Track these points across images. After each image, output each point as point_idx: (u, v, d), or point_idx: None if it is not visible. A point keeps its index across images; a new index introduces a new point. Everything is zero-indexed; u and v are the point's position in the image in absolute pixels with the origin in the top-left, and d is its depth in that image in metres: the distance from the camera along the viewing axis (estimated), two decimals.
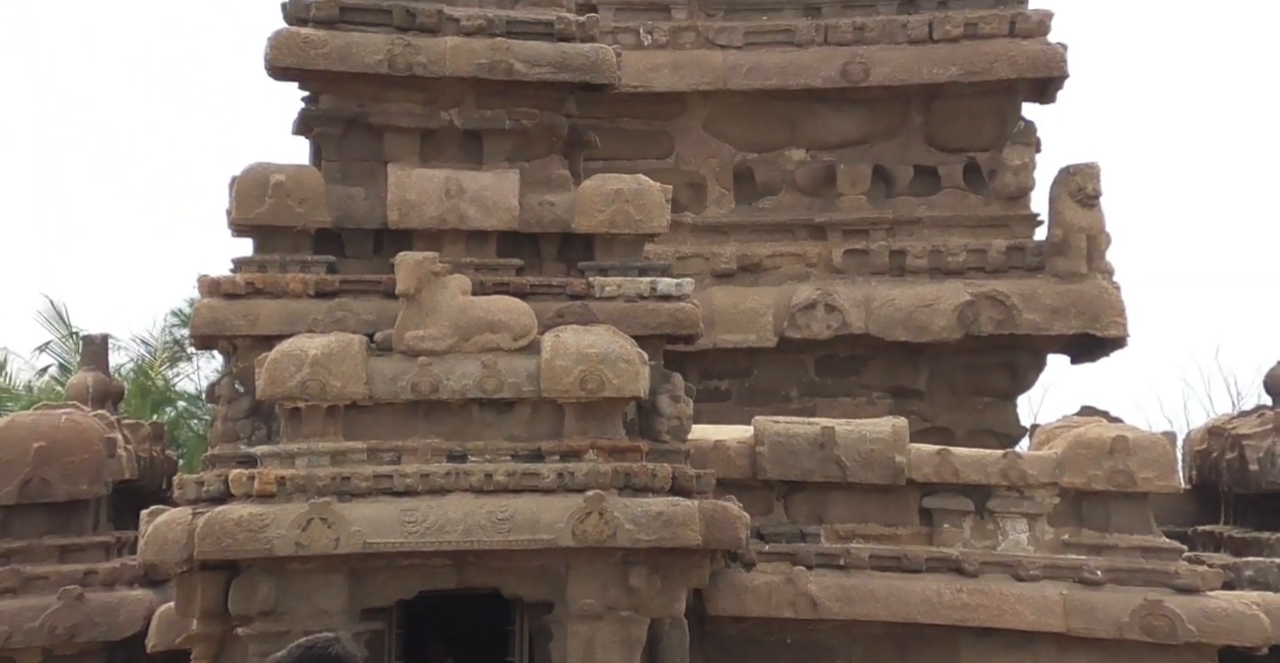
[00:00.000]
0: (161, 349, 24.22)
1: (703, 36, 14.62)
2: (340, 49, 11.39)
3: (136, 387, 22.53)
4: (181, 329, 23.27)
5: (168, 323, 24.34)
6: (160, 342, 24.33)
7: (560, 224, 11.58)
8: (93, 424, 12.96)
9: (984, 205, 14.56)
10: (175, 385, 23.92)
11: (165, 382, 23.77)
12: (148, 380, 23.23)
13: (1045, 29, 14.39)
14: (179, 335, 23.64)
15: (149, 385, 23.12)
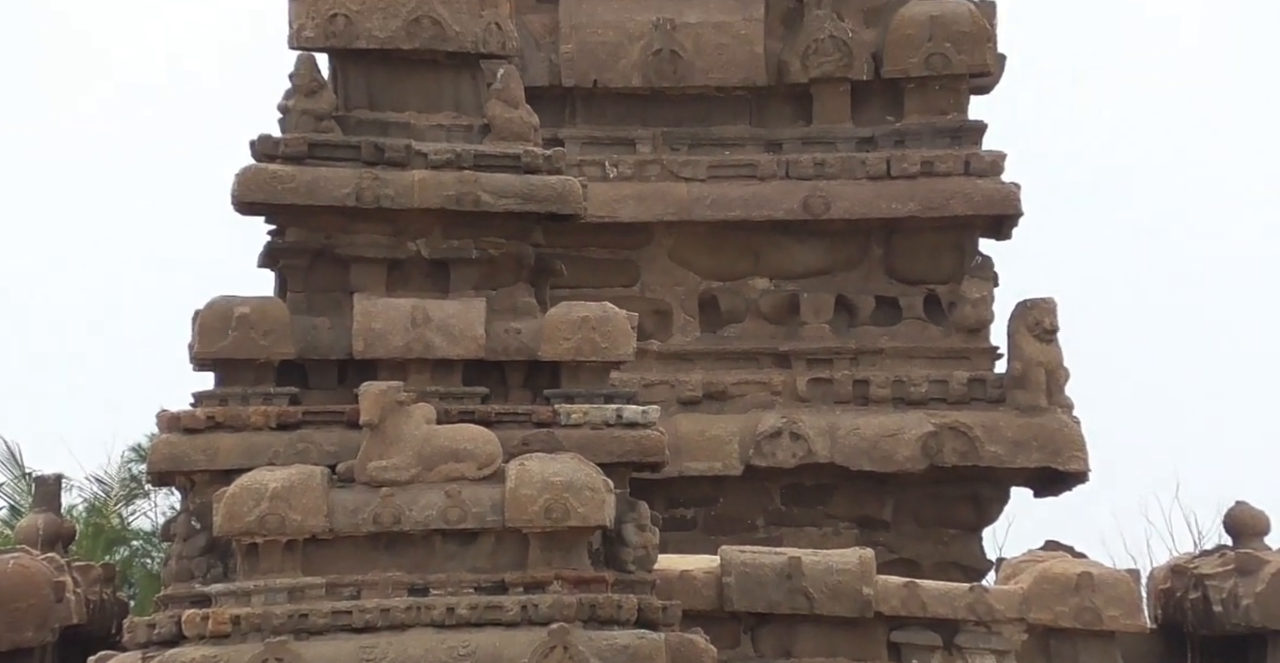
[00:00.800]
0: (118, 487, 23.92)
1: (667, 170, 14.71)
2: (308, 183, 11.37)
3: (90, 526, 22.23)
4: (139, 465, 22.99)
5: (125, 460, 24.07)
6: (117, 479, 24.04)
7: (526, 351, 11.50)
8: (41, 569, 12.64)
9: (944, 337, 14.61)
10: (131, 523, 23.61)
11: (120, 520, 23.45)
12: (102, 519, 22.94)
13: (999, 169, 14.57)
14: (136, 472, 23.35)
15: (103, 524, 22.82)
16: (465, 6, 11.67)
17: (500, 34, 11.81)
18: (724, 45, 14.62)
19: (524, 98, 11.89)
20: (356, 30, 11.58)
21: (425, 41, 11.61)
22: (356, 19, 11.58)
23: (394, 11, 11.58)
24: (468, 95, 11.87)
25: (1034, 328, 14.06)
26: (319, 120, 11.59)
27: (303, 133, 11.53)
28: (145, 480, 17.06)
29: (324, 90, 11.66)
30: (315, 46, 11.71)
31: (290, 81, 11.67)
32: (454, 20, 11.63)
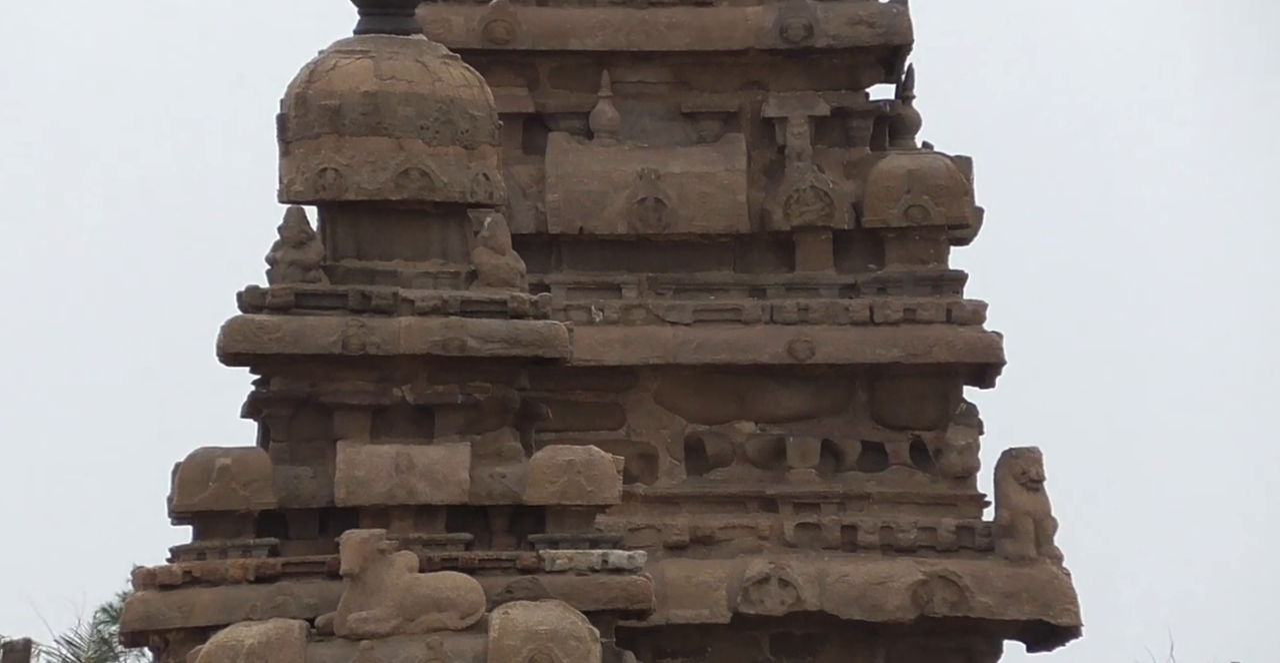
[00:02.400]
0: (89, 650, 23.28)
1: (653, 314, 14.41)
2: (294, 332, 11.18)
3: None
4: (111, 627, 22.42)
5: (96, 621, 23.44)
6: (88, 642, 23.41)
7: (511, 496, 11.25)
8: None
9: (931, 484, 14.27)
10: None
11: None
12: None
13: (980, 318, 14.34)
14: (108, 634, 22.76)
15: None
16: (453, 158, 11.59)
17: (488, 184, 11.72)
18: (707, 194, 14.44)
19: (510, 244, 11.76)
20: (346, 183, 11.49)
21: (413, 192, 11.51)
22: (346, 173, 11.48)
23: (383, 164, 11.47)
24: (455, 243, 11.74)
25: (1020, 477, 13.80)
26: (306, 271, 11.49)
27: (290, 283, 11.39)
28: (118, 642, 16.61)
29: (312, 241, 11.55)
30: (305, 200, 11.61)
31: (279, 234, 11.54)
32: (442, 172, 11.54)
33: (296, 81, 11.58)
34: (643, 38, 14.51)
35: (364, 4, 11.76)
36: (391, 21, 11.77)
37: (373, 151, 11.46)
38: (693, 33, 14.51)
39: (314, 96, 11.46)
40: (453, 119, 11.58)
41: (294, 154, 11.54)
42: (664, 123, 14.69)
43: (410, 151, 11.49)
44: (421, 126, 11.49)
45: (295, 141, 11.52)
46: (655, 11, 14.55)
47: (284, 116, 11.58)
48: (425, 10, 12.96)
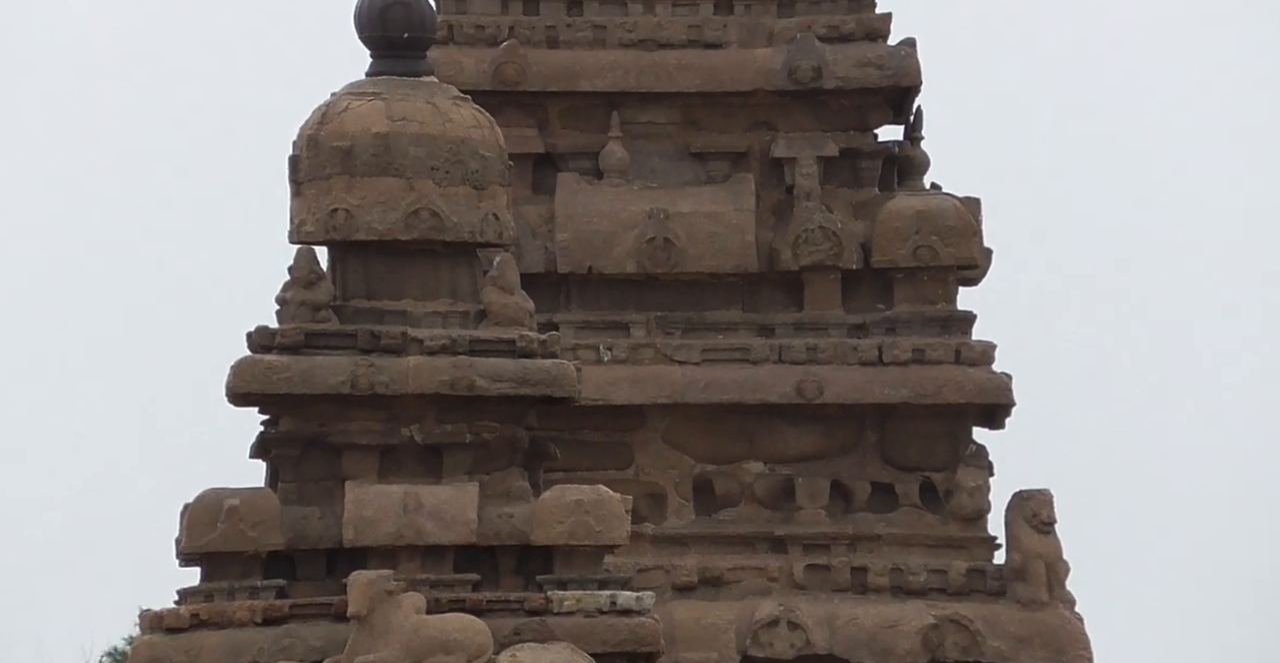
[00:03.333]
0: None
1: (661, 353, 14.27)
2: (303, 373, 11.01)
3: None
4: None
5: None
6: None
7: (519, 536, 11.06)
8: None
9: (942, 525, 14.09)
10: None
11: None
12: None
13: (989, 359, 14.18)
14: None
15: None
16: (464, 198, 11.45)
17: (497, 224, 11.58)
18: (716, 234, 14.31)
19: (519, 284, 11.61)
20: (356, 224, 11.34)
21: (424, 232, 11.36)
22: (357, 213, 11.32)
23: (393, 205, 11.32)
24: (464, 282, 11.59)
25: (1031, 520, 13.65)
26: (316, 310, 11.30)
27: (300, 323, 11.22)
28: None
29: (322, 281, 11.39)
30: (315, 240, 11.46)
31: (289, 274, 11.38)
32: (452, 212, 11.39)
33: (309, 123, 11.46)
34: (652, 79, 14.43)
35: (376, 47, 11.64)
36: (403, 64, 11.65)
37: (383, 192, 11.30)
38: (702, 74, 14.41)
39: (326, 138, 11.32)
40: (463, 159, 11.42)
41: (305, 195, 11.39)
42: (673, 163, 14.60)
43: (421, 192, 11.33)
44: (432, 167, 11.35)
45: (306, 182, 11.39)
46: (665, 53, 14.44)
47: (296, 158, 11.45)
48: (437, 53, 12.85)
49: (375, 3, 11.49)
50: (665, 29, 14.44)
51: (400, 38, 11.59)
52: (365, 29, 11.58)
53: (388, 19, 11.53)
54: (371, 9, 11.50)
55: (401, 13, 11.55)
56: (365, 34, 11.61)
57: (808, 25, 14.38)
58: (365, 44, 11.69)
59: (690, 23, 14.46)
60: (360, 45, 11.75)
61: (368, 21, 11.55)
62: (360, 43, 11.71)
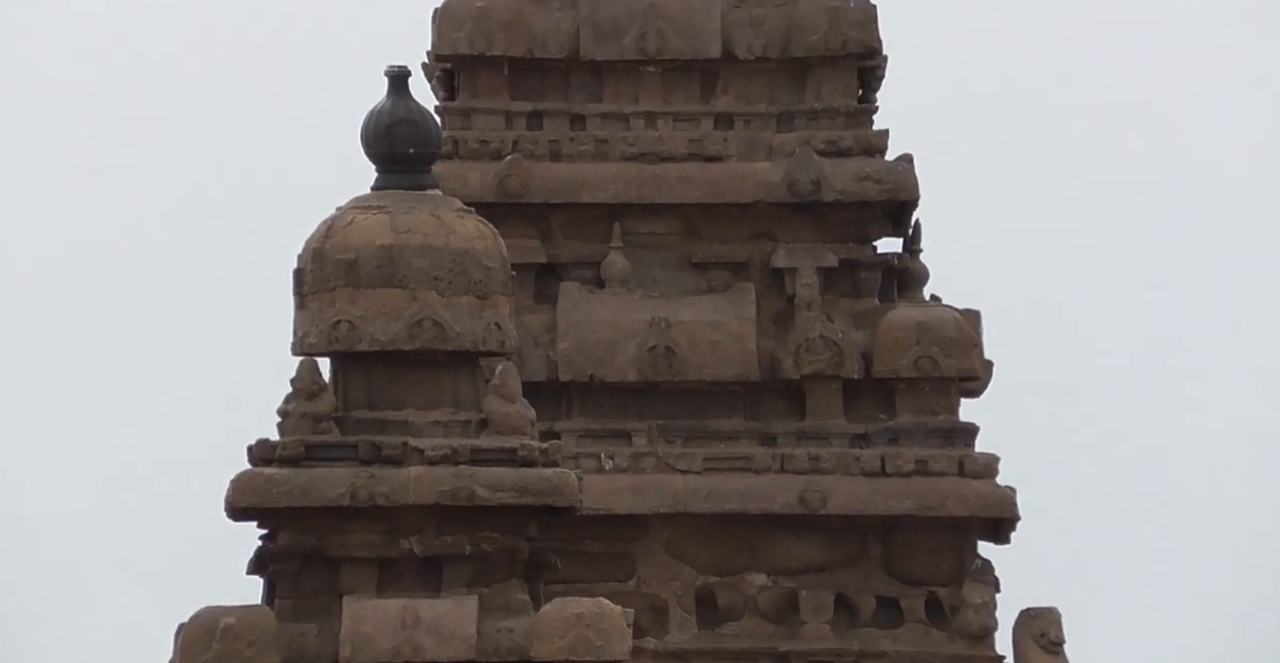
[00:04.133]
0: None
1: (663, 462, 14.08)
2: (303, 485, 10.88)
3: None
4: None
5: None
6: None
7: (519, 651, 10.87)
8: None
9: (948, 643, 13.81)
10: None
11: None
12: None
13: (993, 472, 14.01)
14: None
15: None
16: (466, 308, 11.37)
17: (500, 333, 11.49)
18: (717, 342, 14.15)
19: (521, 392, 11.50)
20: (359, 334, 11.25)
21: (426, 342, 11.27)
22: (360, 324, 11.24)
23: (396, 315, 11.24)
24: (466, 391, 11.47)
25: (1040, 639, 13.44)
26: (318, 422, 11.19)
27: (301, 435, 11.10)
28: None
29: (324, 392, 11.27)
30: (318, 352, 11.37)
31: (291, 386, 11.27)
32: (455, 321, 11.31)
33: (314, 237, 11.41)
34: (654, 191, 14.34)
35: (382, 162, 11.62)
36: (409, 178, 11.62)
37: (387, 303, 11.22)
38: (703, 186, 14.32)
39: (331, 251, 11.27)
40: (466, 269, 11.36)
41: (309, 307, 11.31)
42: (674, 272, 14.49)
43: (424, 302, 11.26)
44: (435, 277, 11.29)
45: (310, 294, 11.31)
46: (666, 166, 14.37)
47: (300, 271, 11.39)
48: (442, 167, 12.76)
49: (382, 120, 11.50)
50: (666, 143, 14.38)
51: (406, 153, 11.59)
52: (372, 145, 11.57)
53: (395, 136, 11.53)
54: (379, 126, 11.50)
55: (408, 130, 11.55)
56: (372, 150, 11.59)
57: (806, 140, 14.33)
58: (371, 160, 11.67)
59: (691, 137, 14.41)
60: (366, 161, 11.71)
61: (375, 138, 11.54)
62: (366, 159, 11.67)
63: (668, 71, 14.49)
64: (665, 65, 14.44)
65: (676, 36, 14.38)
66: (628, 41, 14.37)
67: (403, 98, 11.67)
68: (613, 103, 14.48)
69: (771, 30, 14.41)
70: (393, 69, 11.69)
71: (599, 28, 14.35)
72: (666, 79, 14.50)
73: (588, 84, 14.49)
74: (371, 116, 11.61)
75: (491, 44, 14.19)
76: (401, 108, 11.65)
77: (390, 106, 11.62)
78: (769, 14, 14.43)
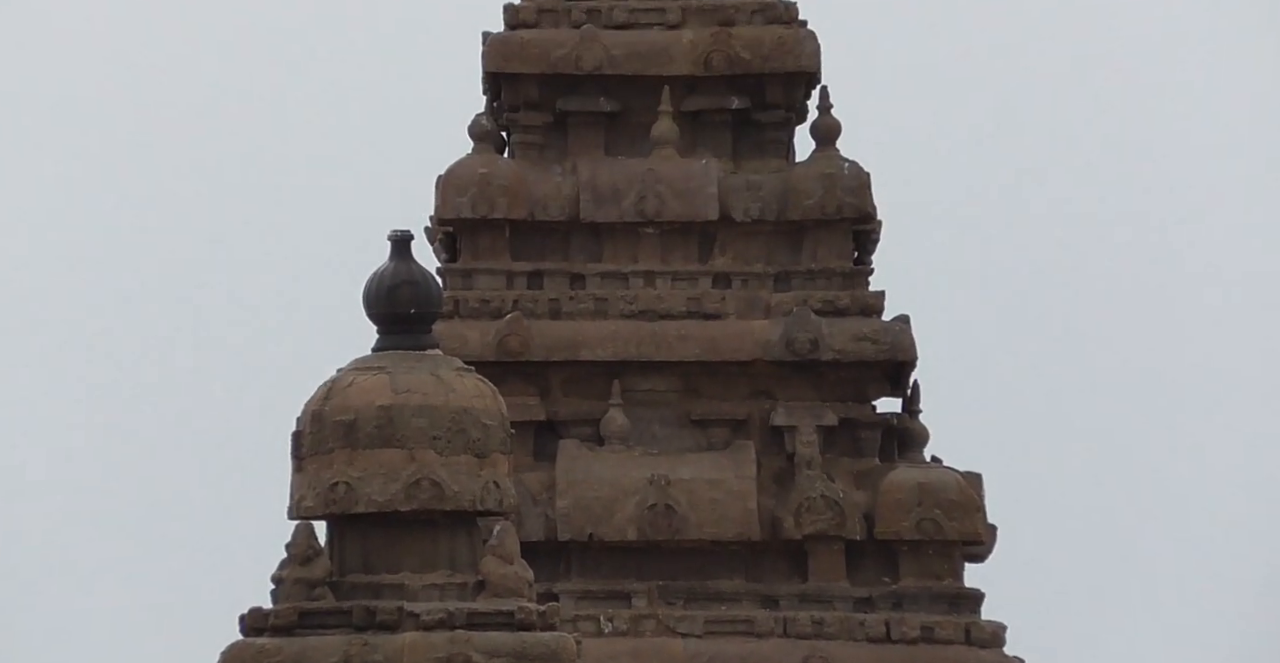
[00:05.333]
0: None
1: (663, 624, 13.75)
2: (295, 654, 10.48)
3: None
4: None
5: None
6: None
7: None
8: None
9: None
10: None
11: None
12: None
13: (1000, 640, 13.69)
14: None
15: None
16: (465, 467, 11.05)
17: (498, 492, 11.15)
18: (717, 500, 13.88)
19: (519, 553, 11.13)
20: (356, 496, 10.91)
21: (424, 502, 10.92)
22: (357, 485, 10.91)
23: (394, 475, 10.91)
24: (463, 552, 11.11)
25: None
26: (312, 588, 10.81)
27: (295, 602, 10.70)
28: None
29: (319, 557, 10.90)
30: (314, 515, 11.01)
31: (286, 551, 10.90)
32: (453, 480, 10.98)
33: (314, 399, 11.11)
34: (653, 348, 14.15)
35: (384, 323, 11.36)
36: (409, 338, 11.35)
37: (385, 463, 10.90)
38: (701, 344, 14.13)
39: (330, 412, 10.97)
40: (465, 428, 11.04)
41: (306, 470, 10.98)
42: (674, 429, 14.24)
43: (422, 461, 10.93)
44: (434, 436, 10.98)
45: (309, 457, 10.99)
46: (665, 324, 14.19)
47: (299, 433, 11.07)
48: (443, 326, 12.54)
49: (385, 282, 11.26)
50: (665, 301, 14.22)
51: (408, 314, 11.33)
52: (374, 307, 11.32)
53: (396, 297, 11.28)
54: (381, 288, 11.26)
55: (410, 291, 11.30)
56: (373, 311, 11.34)
57: (804, 300, 14.16)
58: (373, 321, 11.41)
59: (689, 295, 14.24)
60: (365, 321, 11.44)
61: (376, 300, 11.30)
62: (368, 319, 11.42)
63: (666, 233, 14.35)
64: (664, 227, 14.31)
65: (675, 200, 14.24)
66: (627, 205, 14.24)
67: (405, 260, 11.46)
68: (612, 263, 14.33)
69: (768, 194, 14.28)
70: (396, 234, 11.50)
71: (599, 192, 14.23)
72: (665, 240, 14.35)
73: (588, 245, 14.36)
74: (374, 279, 11.38)
75: (494, 208, 14.09)
76: (404, 270, 11.43)
77: (393, 269, 11.41)
78: (765, 179, 14.32)
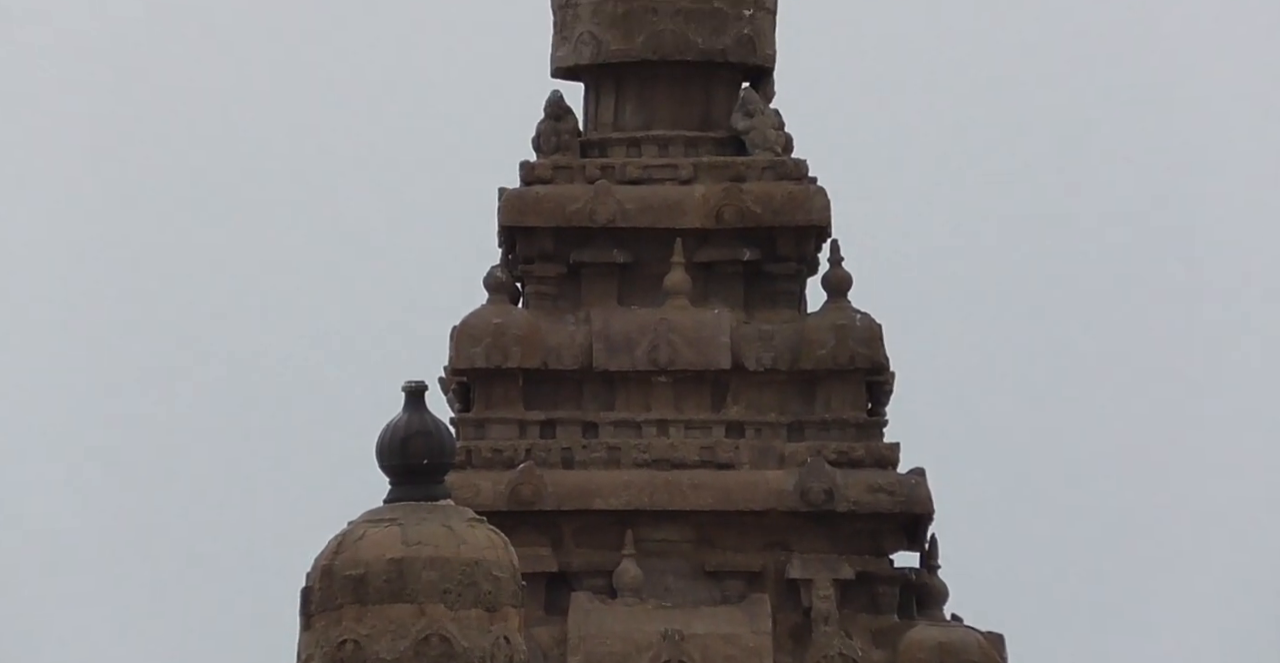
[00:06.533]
0: None
1: None
2: None
3: None
4: None
5: None
6: None
7: None
8: None
9: None
10: None
11: None
12: None
13: None
14: None
15: None
16: (474, 622, 10.62)
17: (508, 647, 10.70)
18: (732, 656, 13.43)
19: None
20: (364, 654, 10.42)
21: (433, 659, 10.46)
22: (365, 643, 10.44)
23: (403, 632, 10.48)
24: None
25: None
26: None
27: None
28: None
29: None
30: None
31: None
32: (463, 636, 10.54)
33: (324, 553, 10.69)
34: (666, 497, 13.73)
35: (396, 475, 10.99)
36: (422, 489, 10.96)
37: (394, 619, 10.48)
38: (715, 493, 13.71)
39: (340, 567, 10.55)
40: (476, 581, 10.64)
41: (315, 628, 10.53)
42: (687, 581, 13.78)
43: (432, 616, 10.51)
44: (444, 590, 10.58)
45: (318, 614, 10.54)
46: (678, 473, 13.79)
47: (308, 590, 10.65)
48: (455, 476, 12.20)
49: (398, 433, 10.90)
50: (678, 450, 13.82)
51: (420, 465, 10.95)
52: (386, 458, 10.95)
53: (409, 448, 10.91)
54: (394, 439, 10.90)
55: (423, 441, 10.94)
56: (386, 463, 10.96)
57: (818, 449, 13.77)
58: (385, 472, 11.03)
59: (703, 444, 13.85)
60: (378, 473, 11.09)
61: (390, 451, 10.93)
62: (380, 471, 11.06)
63: (679, 381, 13.99)
64: (677, 376, 13.96)
65: (687, 349, 13.91)
66: (640, 353, 13.92)
67: (419, 411, 11.13)
68: (625, 411, 13.98)
69: (780, 344, 13.96)
70: (410, 384, 11.17)
71: (612, 341, 13.91)
72: (678, 389, 14.00)
73: (600, 394, 14.02)
74: (387, 430, 11.03)
75: (508, 357, 13.77)
76: (417, 420, 11.10)
77: (406, 420, 11.08)
78: (777, 329, 14.01)
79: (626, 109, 14.33)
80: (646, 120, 14.30)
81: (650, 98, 14.29)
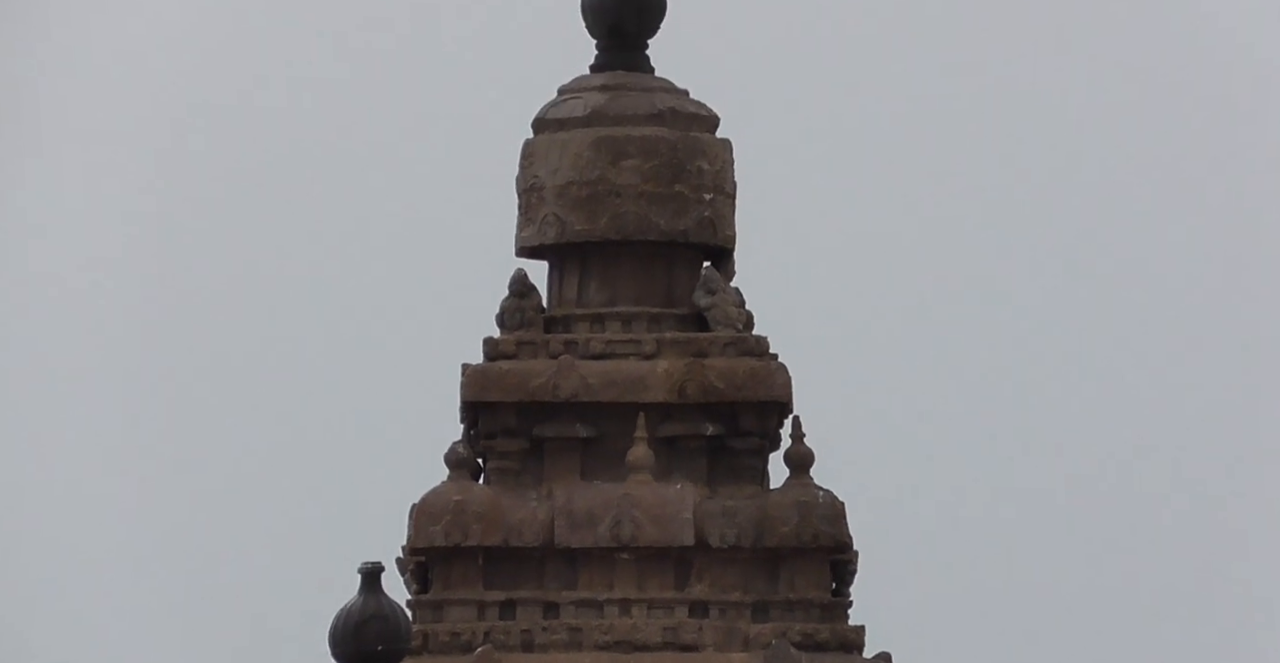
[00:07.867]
0: None
1: None
2: None
3: None
4: None
5: None
6: None
7: None
8: None
9: None
10: None
11: None
12: None
13: None
14: None
15: None
16: None
17: None
18: None
19: None
20: None
21: None
22: None
23: None
24: None
25: None
26: None
27: None
28: None
29: None
30: None
31: None
32: None
33: None
34: None
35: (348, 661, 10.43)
36: None
37: None
38: None
39: None
40: None
41: None
42: None
43: None
44: None
45: None
46: (640, 656, 13.17)
47: None
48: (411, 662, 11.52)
49: (352, 618, 10.47)
50: (641, 631, 13.22)
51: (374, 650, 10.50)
52: (339, 644, 10.51)
53: (364, 633, 10.48)
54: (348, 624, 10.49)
55: (378, 626, 10.51)
56: (339, 650, 10.49)
57: (783, 631, 13.19)
58: (338, 660, 10.52)
59: (666, 625, 13.26)
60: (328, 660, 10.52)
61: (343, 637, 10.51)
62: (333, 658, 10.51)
63: (642, 559, 13.45)
64: (639, 553, 13.42)
65: (651, 525, 13.40)
66: (602, 530, 13.40)
67: (374, 594, 10.62)
68: (587, 590, 13.39)
69: (744, 521, 13.47)
70: (366, 565, 10.66)
71: (574, 516, 13.40)
72: (641, 567, 13.44)
73: (562, 572, 13.45)
74: (341, 615, 10.51)
75: (468, 535, 13.22)
76: (373, 603, 10.59)
77: (361, 604, 10.56)
78: (740, 505, 13.52)
79: (590, 286, 14.01)
80: (610, 297, 13.97)
81: (614, 276, 13.98)
